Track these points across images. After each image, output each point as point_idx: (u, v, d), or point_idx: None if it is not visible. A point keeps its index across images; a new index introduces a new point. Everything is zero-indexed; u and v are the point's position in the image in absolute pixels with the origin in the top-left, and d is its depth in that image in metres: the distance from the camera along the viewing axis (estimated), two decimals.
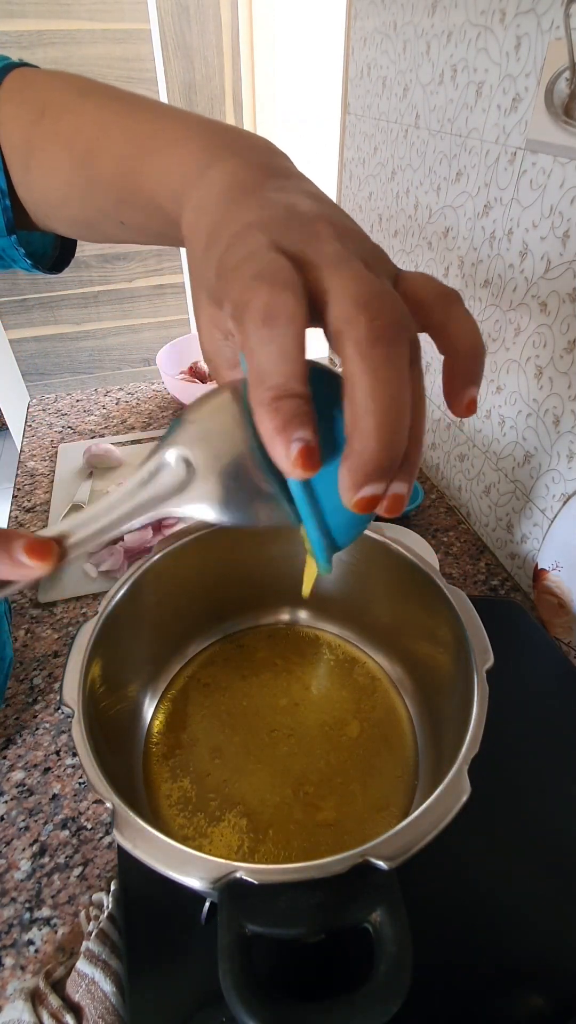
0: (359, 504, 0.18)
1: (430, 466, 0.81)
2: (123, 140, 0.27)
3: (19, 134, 0.32)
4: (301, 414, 0.17)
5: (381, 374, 0.17)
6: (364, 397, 0.17)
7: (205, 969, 0.33)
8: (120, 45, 1.27)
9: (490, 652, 0.33)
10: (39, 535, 0.22)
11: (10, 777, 0.47)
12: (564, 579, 0.54)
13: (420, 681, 0.44)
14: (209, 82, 1.36)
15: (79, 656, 0.34)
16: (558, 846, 0.39)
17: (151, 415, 0.94)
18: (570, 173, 0.47)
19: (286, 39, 1.37)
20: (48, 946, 0.38)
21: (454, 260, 0.65)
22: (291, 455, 0.17)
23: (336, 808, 0.38)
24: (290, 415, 0.17)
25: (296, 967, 0.34)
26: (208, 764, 0.41)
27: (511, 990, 0.33)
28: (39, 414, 0.95)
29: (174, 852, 0.25)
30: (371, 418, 0.17)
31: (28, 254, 0.38)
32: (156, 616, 0.42)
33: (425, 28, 0.61)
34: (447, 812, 0.26)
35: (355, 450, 0.17)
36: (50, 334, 1.62)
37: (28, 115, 0.31)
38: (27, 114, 0.31)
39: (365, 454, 0.17)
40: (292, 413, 0.17)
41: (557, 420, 0.54)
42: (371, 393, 0.17)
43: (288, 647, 0.49)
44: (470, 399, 0.20)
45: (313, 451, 0.17)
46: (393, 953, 0.22)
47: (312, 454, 0.17)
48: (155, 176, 0.26)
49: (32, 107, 0.31)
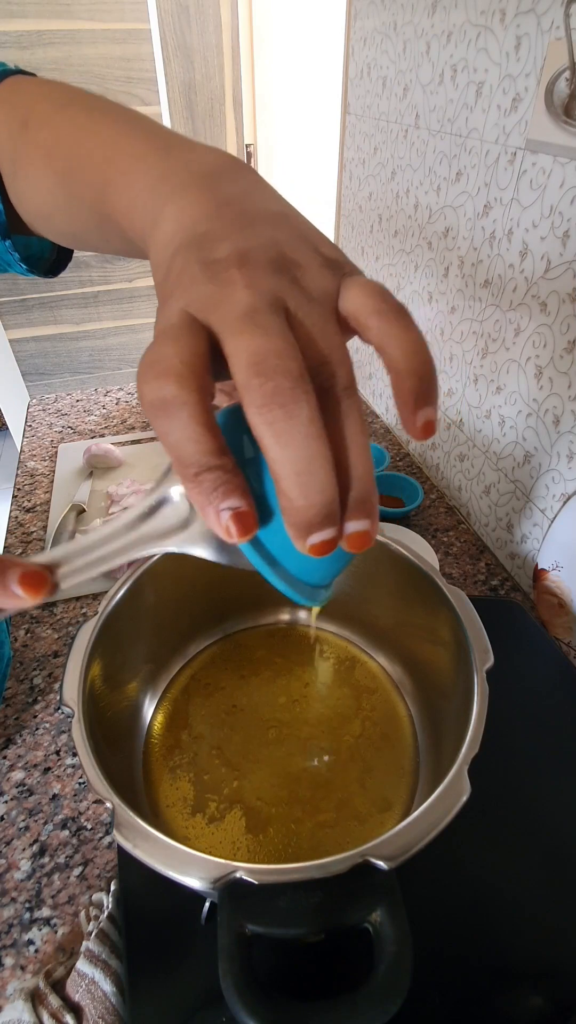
0: (313, 550, 0.18)
1: (430, 466, 0.81)
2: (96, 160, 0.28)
3: (7, 143, 0.32)
4: (223, 483, 0.18)
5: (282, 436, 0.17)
6: (273, 459, 0.17)
7: (205, 969, 0.33)
8: (120, 45, 1.27)
9: (490, 652, 0.33)
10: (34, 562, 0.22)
11: (10, 777, 0.47)
12: (564, 579, 0.54)
13: (420, 681, 0.44)
14: (209, 82, 1.36)
15: (79, 656, 0.34)
16: (558, 846, 0.39)
17: None
18: (570, 173, 0.47)
19: (286, 39, 1.37)
20: (48, 946, 0.38)
21: (454, 260, 0.65)
22: (223, 524, 0.18)
23: (336, 808, 0.38)
24: (212, 487, 0.18)
25: (296, 967, 0.34)
26: (208, 764, 0.41)
27: (511, 990, 0.33)
28: (39, 414, 0.95)
29: (174, 852, 0.25)
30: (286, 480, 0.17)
31: (25, 257, 0.38)
32: (156, 616, 0.42)
33: (425, 28, 0.61)
34: (447, 812, 0.26)
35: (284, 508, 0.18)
36: (50, 334, 1.62)
37: (13, 124, 0.31)
38: (13, 123, 0.31)
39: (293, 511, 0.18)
40: (214, 485, 0.18)
41: (557, 420, 0.54)
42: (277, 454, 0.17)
43: (288, 647, 0.49)
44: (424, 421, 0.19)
45: (245, 515, 0.18)
46: (393, 953, 0.22)
47: (244, 518, 0.18)
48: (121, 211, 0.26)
49: (17, 116, 0.31)
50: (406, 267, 0.76)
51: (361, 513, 0.19)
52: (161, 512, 0.23)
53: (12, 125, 0.31)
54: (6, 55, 1.23)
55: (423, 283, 0.73)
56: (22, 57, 1.23)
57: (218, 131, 1.44)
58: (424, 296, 0.73)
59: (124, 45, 1.27)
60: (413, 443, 0.85)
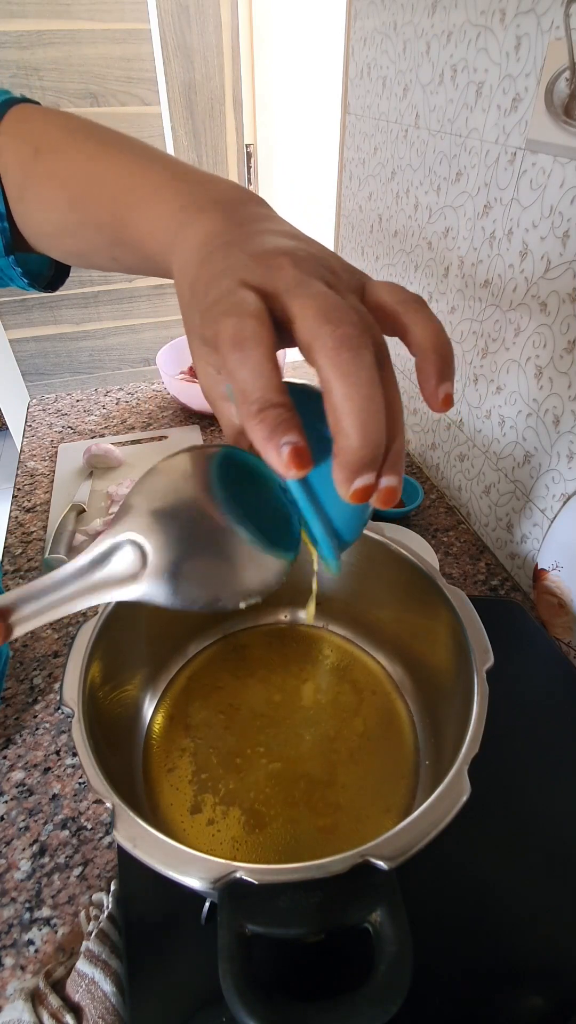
0: (355, 495, 0.20)
1: (430, 466, 0.81)
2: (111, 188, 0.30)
3: (16, 168, 0.34)
4: (284, 420, 0.19)
5: (351, 376, 0.19)
6: (340, 399, 0.19)
7: (205, 969, 0.33)
8: (120, 45, 1.27)
9: (490, 652, 0.33)
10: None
11: (10, 777, 0.47)
12: (564, 579, 0.54)
13: (420, 681, 0.44)
14: (209, 82, 1.36)
15: (79, 656, 0.34)
16: (558, 846, 0.39)
17: (151, 415, 0.94)
18: (570, 173, 0.47)
19: (286, 39, 1.37)
20: (48, 946, 0.38)
21: (454, 260, 0.65)
22: (283, 458, 0.19)
23: (336, 808, 0.38)
24: (275, 423, 0.19)
25: (296, 967, 0.34)
26: (208, 764, 0.41)
27: (511, 990, 0.33)
28: (39, 414, 0.95)
29: (174, 852, 0.25)
30: (349, 417, 0.19)
31: (24, 273, 0.40)
32: (156, 616, 0.42)
33: (425, 28, 0.61)
34: (447, 812, 0.26)
35: (341, 448, 0.19)
36: (50, 334, 1.62)
37: (24, 151, 0.34)
38: (23, 149, 0.34)
39: (350, 450, 0.19)
40: (276, 421, 0.19)
41: (557, 420, 0.54)
42: (346, 394, 0.19)
43: (287, 647, 0.49)
44: (445, 394, 0.21)
45: (302, 451, 0.19)
46: (393, 953, 0.22)
47: (302, 454, 0.19)
48: (141, 229, 0.29)
49: (28, 143, 0.34)
50: (406, 267, 0.76)
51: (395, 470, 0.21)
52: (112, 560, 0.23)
53: (23, 152, 0.34)
54: (6, 55, 1.23)
55: (423, 283, 0.73)
56: (22, 57, 1.23)
57: (218, 131, 1.44)
58: (424, 296, 0.73)
59: (124, 45, 1.27)
60: (413, 443, 0.85)
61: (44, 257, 0.41)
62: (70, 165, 0.32)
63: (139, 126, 1.38)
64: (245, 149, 1.50)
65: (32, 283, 0.41)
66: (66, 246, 0.36)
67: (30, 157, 0.34)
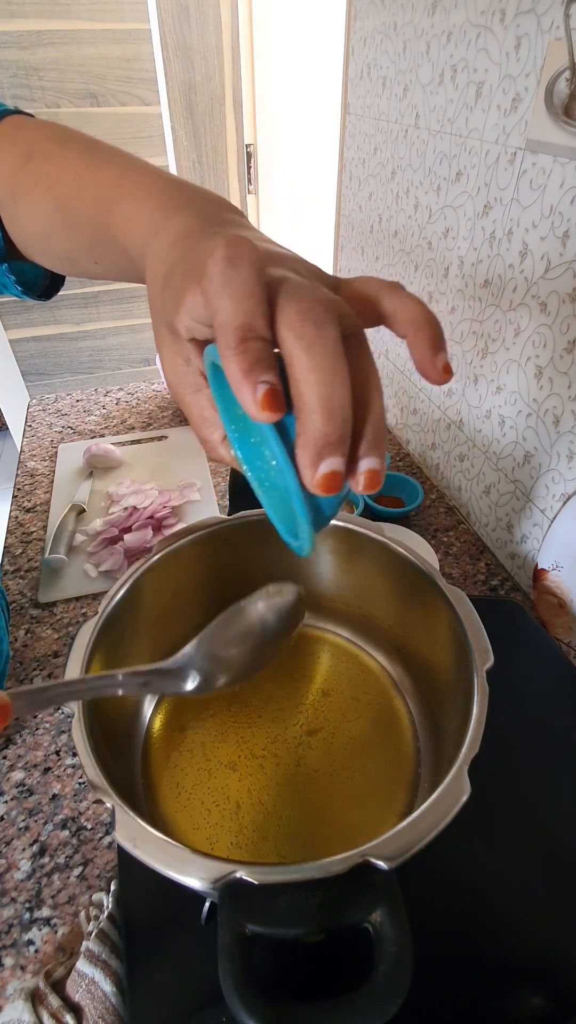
0: (320, 484, 0.19)
1: (430, 466, 0.81)
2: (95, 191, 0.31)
3: (7, 175, 0.36)
4: (265, 359, 0.18)
5: (313, 347, 0.18)
6: (301, 370, 0.18)
7: (205, 969, 0.33)
8: (120, 45, 1.27)
9: (490, 652, 0.33)
10: None
11: (10, 777, 0.47)
12: (564, 579, 0.54)
13: (420, 681, 0.44)
14: (209, 82, 1.36)
15: (79, 656, 0.34)
16: (558, 846, 0.39)
17: (151, 415, 0.94)
18: (570, 173, 0.47)
19: (286, 39, 1.37)
20: (48, 946, 0.38)
21: (454, 260, 0.65)
22: (257, 397, 0.18)
23: (336, 808, 0.38)
24: (255, 358, 0.18)
25: (296, 967, 0.34)
26: (208, 764, 0.41)
27: (511, 990, 0.33)
28: (39, 414, 0.95)
29: (174, 852, 0.25)
30: (310, 389, 0.18)
31: (19, 282, 0.41)
32: (156, 616, 0.42)
33: (425, 28, 0.61)
34: (447, 812, 0.26)
35: (304, 426, 0.18)
36: (50, 334, 1.62)
37: (16, 158, 0.35)
38: (15, 157, 0.35)
39: (312, 427, 0.18)
40: (257, 356, 0.18)
41: (557, 420, 0.54)
42: (309, 365, 0.18)
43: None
44: (443, 364, 0.21)
45: (278, 393, 0.18)
46: (393, 953, 0.22)
47: (277, 396, 0.18)
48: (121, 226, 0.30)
49: (20, 151, 0.35)
50: (406, 267, 0.76)
51: (375, 450, 0.20)
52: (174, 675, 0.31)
53: (15, 159, 0.35)
54: (6, 55, 1.23)
55: (423, 283, 0.73)
56: (22, 57, 1.23)
57: (218, 131, 1.44)
58: (424, 296, 0.73)
59: (124, 45, 1.27)
60: (413, 443, 0.85)
61: (38, 268, 0.43)
62: (58, 170, 0.33)
63: (139, 126, 1.38)
64: (245, 149, 1.50)
65: (26, 292, 0.42)
66: (52, 249, 0.37)
67: (21, 164, 0.35)
